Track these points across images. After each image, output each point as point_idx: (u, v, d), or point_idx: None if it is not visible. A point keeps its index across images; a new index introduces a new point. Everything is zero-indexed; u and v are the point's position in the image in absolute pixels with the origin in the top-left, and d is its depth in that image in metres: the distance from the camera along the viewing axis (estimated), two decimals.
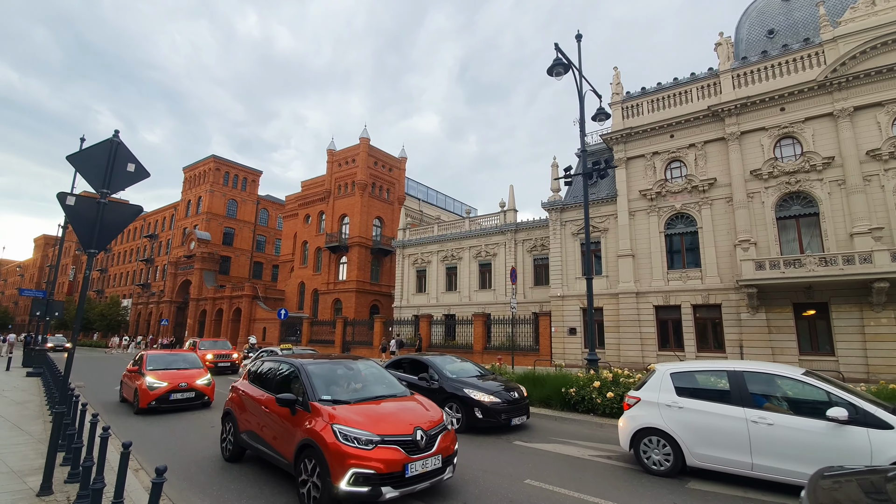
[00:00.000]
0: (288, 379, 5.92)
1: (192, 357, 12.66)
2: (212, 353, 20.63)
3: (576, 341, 24.47)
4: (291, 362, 6.08)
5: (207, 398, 11.49)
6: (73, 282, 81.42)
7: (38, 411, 10.58)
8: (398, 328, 33.75)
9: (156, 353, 12.44)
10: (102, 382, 18.01)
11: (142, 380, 10.81)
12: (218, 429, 8.87)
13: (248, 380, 6.74)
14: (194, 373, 11.72)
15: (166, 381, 10.91)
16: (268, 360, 6.78)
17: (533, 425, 9.60)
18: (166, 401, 10.77)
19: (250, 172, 62.84)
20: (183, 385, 11.07)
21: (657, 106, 24.12)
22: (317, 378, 5.53)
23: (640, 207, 23.75)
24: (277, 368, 6.27)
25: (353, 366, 6.30)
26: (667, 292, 22.23)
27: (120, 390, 12.79)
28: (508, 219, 31.95)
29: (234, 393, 6.84)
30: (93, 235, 5.62)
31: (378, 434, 4.54)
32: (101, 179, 5.80)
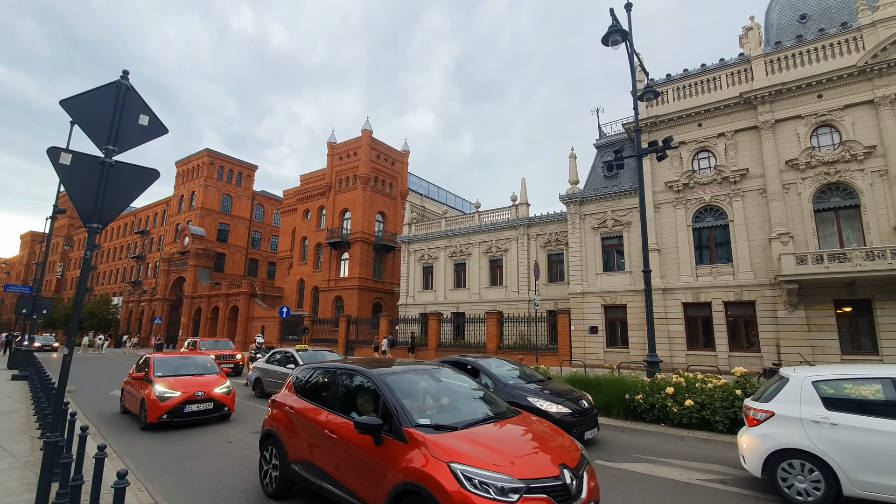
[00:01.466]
0: (356, 393, 4.60)
1: (206, 361, 10.93)
2: (213, 354, 19.10)
3: (597, 340, 23.31)
4: (357, 370, 4.76)
5: (227, 409, 9.82)
6: (61, 280, 79.02)
7: (25, 423, 9.13)
8: (404, 326, 32.45)
9: (164, 356, 10.69)
10: (96, 386, 16.50)
11: (150, 389, 9.21)
12: (248, 449, 7.47)
13: (295, 392, 5.36)
14: (211, 380, 10.04)
15: (179, 389, 9.27)
16: (318, 367, 5.40)
17: (604, 439, 8.35)
18: (180, 413, 9.15)
19: (245, 167, 61.07)
20: (199, 394, 9.42)
21: (683, 93, 22.99)
22: (402, 393, 4.21)
23: (665, 200, 22.62)
24: (337, 379, 4.90)
25: (436, 374, 4.98)
26: (696, 289, 21.12)
27: (121, 400, 11.17)
28: (521, 213, 30.73)
29: (276, 409, 5.47)
30: (95, 205, 4.26)
31: (520, 478, 3.22)
32: (106, 133, 4.43)
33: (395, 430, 3.84)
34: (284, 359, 13.62)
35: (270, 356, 14.47)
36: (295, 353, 13.43)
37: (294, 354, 13.30)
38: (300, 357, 13.08)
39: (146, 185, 4.65)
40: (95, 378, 19.60)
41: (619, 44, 11.24)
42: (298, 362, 12.79)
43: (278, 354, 14.17)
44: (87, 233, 4.19)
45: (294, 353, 13.36)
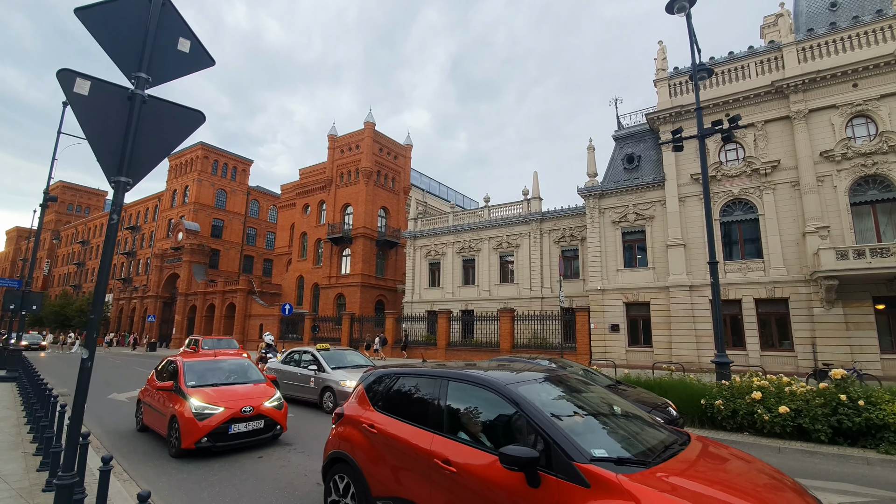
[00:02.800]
0: (477, 411, 3.49)
1: (246, 365, 9.01)
2: (214, 353, 17.87)
3: (619, 339, 22.36)
4: (475, 378, 3.61)
5: (280, 428, 7.85)
6: (48, 276, 76.69)
7: (15, 435, 7.88)
8: (409, 325, 31.31)
9: (195, 359, 8.63)
10: (92, 388, 15.18)
11: (183, 404, 7.24)
12: (300, 474, 6.21)
13: (373, 405, 4.27)
14: (258, 390, 8.04)
15: (222, 404, 7.30)
16: (401, 373, 4.24)
17: None
18: (224, 436, 7.16)
19: (240, 161, 59.45)
20: (247, 410, 7.39)
21: (709, 82, 22.04)
22: (552, 411, 3.11)
23: (691, 193, 21.70)
24: (440, 390, 3.76)
25: (587, 387, 3.85)
26: (725, 285, 20.18)
27: (137, 414, 9.22)
28: (533, 207, 29.70)
29: (348, 427, 4.34)
30: (123, 153, 3.10)
31: None
32: (137, 57, 3.28)
33: (561, 467, 2.73)
34: (305, 360, 12.41)
35: (288, 356, 13.21)
36: (317, 353, 12.19)
37: (316, 355, 12.07)
38: (324, 358, 11.93)
39: (188, 131, 3.50)
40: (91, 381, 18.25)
41: (685, 10, 10.13)
42: (323, 364, 11.67)
43: (296, 354, 12.92)
44: (114, 189, 3.04)
45: (316, 354, 12.12)
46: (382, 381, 4.44)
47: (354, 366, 12.05)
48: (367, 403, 4.36)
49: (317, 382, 11.46)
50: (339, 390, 10.64)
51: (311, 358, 12.23)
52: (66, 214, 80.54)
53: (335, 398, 10.71)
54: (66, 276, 75.18)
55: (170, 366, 8.65)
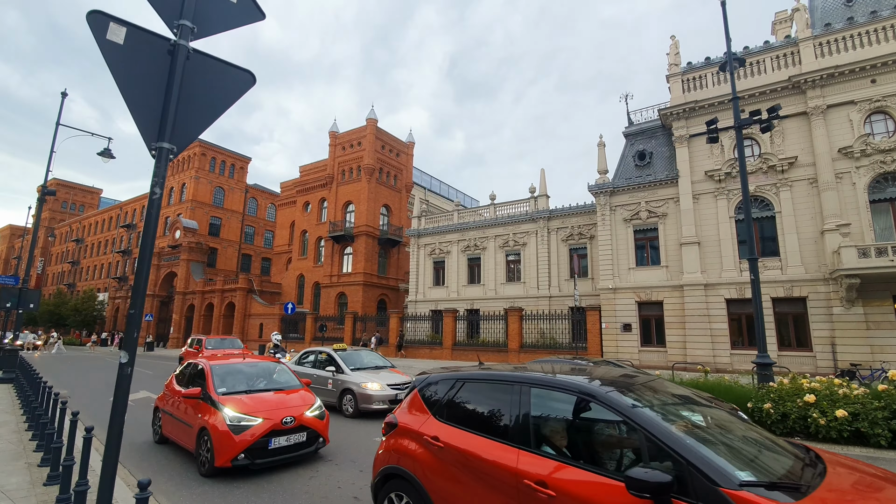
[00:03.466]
0: (573, 424, 3.02)
1: (277, 368, 8.03)
2: (221, 353, 17.27)
3: (631, 339, 21.94)
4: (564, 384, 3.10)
5: (322, 440, 6.88)
6: (42, 275, 75.50)
7: (17, 443, 7.30)
8: (413, 324, 30.80)
9: (222, 361, 7.67)
10: (93, 391, 14.56)
11: (215, 414, 6.28)
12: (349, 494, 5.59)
13: (434, 415, 3.76)
14: (296, 397, 7.06)
15: (261, 414, 6.35)
16: (469, 378, 3.71)
17: None
18: (264, 451, 6.22)
19: (238, 159, 58.65)
20: (288, 421, 6.41)
21: (724, 77, 21.68)
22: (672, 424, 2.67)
23: (705, 190, 21.31)
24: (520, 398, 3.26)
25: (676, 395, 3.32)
26: (741, 284, 19.85)
27: (155, 424, 8.15)
28: (540, 205, 29.25)
29: (405, 440, 3.79)
30: (164, 114, 2.58)
31: None
32: (178, 4, 2.75)
33: (702, 494, 2.24)
34: (321, 360, 11.84)
35: (303, 357, 12.61)
36: (334, 353, 11.63)
37: (334, 356, 11.52)
38: (341, 358, 11.36)
39: (237, 94, 2.98)
40: (87, 380, 17.59)
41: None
42: (341, 365, 11.13)
43: (312, 355, 12.34)
44: (155, 157, 2.52)
45: (334, 354, 11.57)
46: (440, 386, 3.96)
47: (374, 367, 11.55)
48: (426, 412, 3.85)
49: (335, 384, 10.91)
50: (360, 393, 10.16)
51: (327, 359, 11.66)
52: (61, 212, 79.37)
53: (356, 401, 10.23)
54: (61, 275, 74.08)
55: (194, 369, 7.67)
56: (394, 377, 10.93)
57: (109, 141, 17.32)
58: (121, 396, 2.25)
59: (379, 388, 10.16)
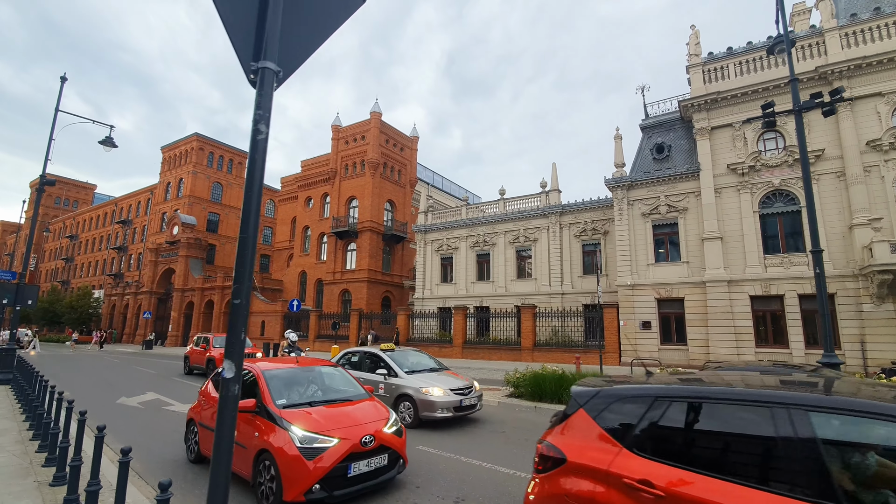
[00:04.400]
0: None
1: (337, 373, 6.90)
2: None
3: (650, 336, 21.35)
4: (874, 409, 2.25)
5: (402, 461, 5.69)
6: (35, 272, 74.11)
7: (22, 456, 6.53)
8: (421, 322, 30.11)
9: (277, 366, 6.40)
10: (95, 392, 13.74)
11: (279, 434, 5.08)
12: None
13: (630, 448, 2.81)
14: (370, 410, 5.87)
15: (336, 433, 5.16)
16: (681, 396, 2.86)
17: None
18: (343, 480, 5.02)
19: (237, 154, 57.64)
20: (368, 440, 5.25)
21: (747, 68, 21.09)
22: None
23: (728, 184, 20.71)
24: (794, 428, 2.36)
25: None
26: (766, 280, 19.28)
27: (189, 439, 6.89)
28: (552, 200, 28.59)
29: (582, 479, 2.87)
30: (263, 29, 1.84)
31: None
32: None
33: None
34: (368, 363, 10.47)
35: (343, 357, 11.18)
36: (383, 354, 10.26)
37: (384, 357, 10.15)
38: (393, 360, 10.08)
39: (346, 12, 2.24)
40: (86, 380, 16.73)
41: None
42: (394, 368, 9.85)
43: (355, 356, 10.96)
44: (256, 84, 1.79)
45: (383, 356, 10.20)
46: (628, 406, 3.01)
47: (427, 369, 10.32)
48: (612, 443, 2.90)
49: (388, 390, 9.67)
50: (421, 400, 9.00)
51: (376, 360, 10.32)
52: (54, 208, 77.87)
53: (416, 409, 9.03)
54: (54, 272, 72.75)
55: (248, 377, 6.42)
56: (455, 381, 9.69)
57: (111, 129, 16.47)
58: (226, 433, 1.53)
59: (443, 394, 9.03)
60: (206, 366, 16.77)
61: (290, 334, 13.83)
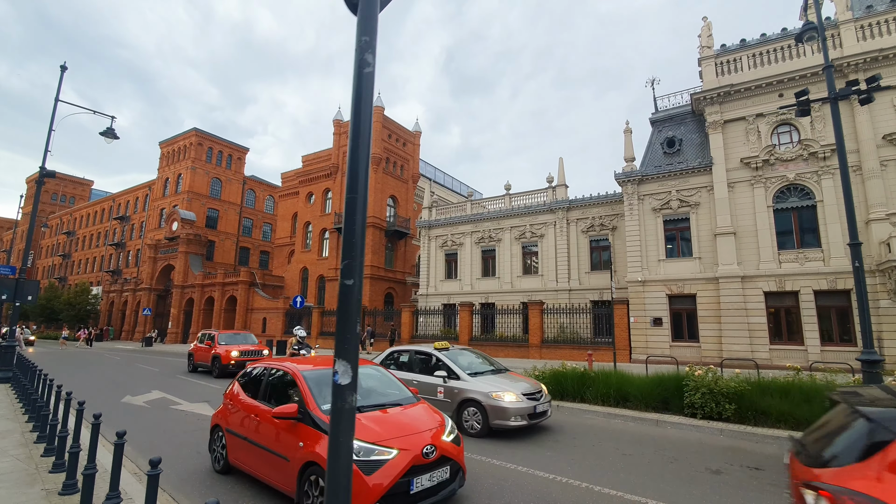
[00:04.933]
0: None
1: (379, 373, 6.22)
2: (237, 350, 16.09)
3: (662, 333, 21.02)
4: None
5: (462, 473, 5.03)
6: (32, 268, 73.41)
7: (26, 460, 6.13)
8: (425, 319, 29.74)
9: (313, 366, 5.69)
10: (96, 391, 13.33)
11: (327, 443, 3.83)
12: None
13: None
14: (423, 416, 5.26)
15: (394, 442, 4.54)
16: None
17: None
18: (406, 497, 4.43)
19: (236, 149, 57.06)
20: (430, 451, 4.63)
21: (761, 60, 20.70)
22: None
23: (741, 178, 20.36)
24: None
25: None
26: (780, 276, 18.97)
27: (215, 447, 6.18)
28: (559, 195, 28.20)
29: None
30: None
31: None
32: None
33: None
34: (422, 363, 9.35)
35: (389, 357, 10.02)
36: (440, 354, 9.05)
37: (441, 357, 8.95)
38: (451, 360, 8.86)
39: None
40: (88, 378, 16.29)
41: None
42: (454, 369, 8.65)
43: (403, 355, 9.77)
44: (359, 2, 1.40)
45: (440, 356, 9.00)
46: None
47: (491, 371, 9.13)
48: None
49: (449, 394, 8.56)
50: (492, 406, 7.96)
51: (431, 361, 9.15)
52: (51, 204, 77.11)
53: (485, 416, 7.98)
54: (51, 268, 72.08)
55: (274, 377, 5.77)
56: (523, 384, 8.65)
57: (112, 120, 16.00)
58: (343, 457, 1.18)
59: (516, 400, 8.01)
60: (210, 363, 16.35)
61: (299, 331, 13.23)
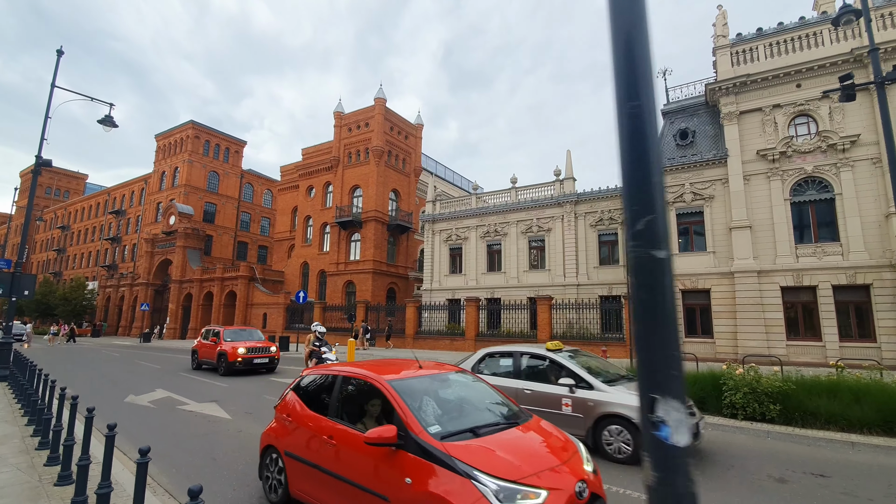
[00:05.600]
0: None
1: (471, 382, 4.98)
2: (244, 346, 15.51)
3: None
4: None
5: None
6: (26, 263, 72.33)
7: (28, 471, 5.60)
8: (429, 314, 29.24)
9: (396, 374, 4.48)
10: (101, 391, 12.76)
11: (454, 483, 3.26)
12: None
13: None
14: (551, 438, 4.13)
15: (538, 480, 3.36)
16: None
17: None
18: None
19: (233, 142, 56.15)
20: (581, 489, 3.49)
21: (778, 50, 20.20)
22: None
23: (757, 170, 19.91)
24: None
25: None
26: (798, 271, 18.57)
27: (271, 471, 5.05)
28: (566, 188, 27.70)
29: None
30: None
31: None
32: None
33: None
34: (537, 369, 7.65)
35: (481, 361, 8.30)
36: (559, 357, 7.42)
37: (561, 361, 7.34)
38: (579, 365, 7.26)
39: None
40: (87, 375, 15.71)
41: None
42: (585, 377, 6.97)
43: (506, 358, 8.01)
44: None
45: (560, 359, 7.39)
46: None
47: (624, 378, 7.51)
48: None
49: (580, 408, 6.82)
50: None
51: (543, 365, 7.59)
52: (45, 198, 75.91)
53: (636, 437, 6.26)
54: (46, 263, 71.06)
55: (352, 387, 4.63)
56: None
57: (111, 107, 15.34)
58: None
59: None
60: (216, 361, 15.76)
61: (318, 326, 12.29)
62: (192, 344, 20.00)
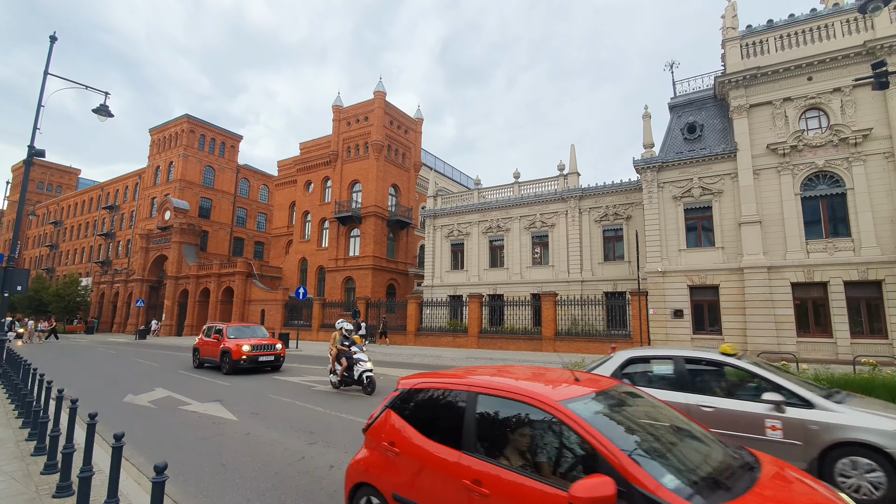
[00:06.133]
0: None
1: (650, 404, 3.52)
2: (249, 344, 15.01)
3: (683, 325, 20.35)
4: None
5: None
6: (18, 259, 71.18)
7: (24, 480, 5.16)
8: (431, 310, 28.87)
9: (565, 392, 3.11)
10: (99, 390, 12.28)
11: None
12: None
13: None
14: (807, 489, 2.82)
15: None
16: None
17: None
18: None
19: (229, 137, 55.36)
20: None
21: (789, 42, 19.88)
22: None
23: (767, 165, 19.61)
24: None
25: None
26: (809, 267, 18.32)
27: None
28: (570, 183, 27.34)
29: None
30: None
31: None
32: None
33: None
34: (713, 379, 6.06)
35: (624, 367, 6.50)
36: (747, 364, 5.78)
37: (755, 370, 5.69)
38: (787, 379, 5.61)
39: None
40: (83, 373, 15.21)
41: None
42: (799, 394, 5.32)
43: (664, 365, 6.38)
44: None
45: (754, 368, 5.73)
46: None
47: (828, 391, 5.92)
48: None
49: (797, 433, 5.17)
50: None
51: (722, 374, 6.08)
52: (37, 193, 74.67)
53: (887, 478, 4.69)
54: (38, 259, 70.04)
55: (508, 413, 3.27)
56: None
57: (106, 96, 14.77)
58: None
59: None
60: (219, 359, 15.26)
61: (344, 323, 11.16)
62: (188, 341, 19.52)
